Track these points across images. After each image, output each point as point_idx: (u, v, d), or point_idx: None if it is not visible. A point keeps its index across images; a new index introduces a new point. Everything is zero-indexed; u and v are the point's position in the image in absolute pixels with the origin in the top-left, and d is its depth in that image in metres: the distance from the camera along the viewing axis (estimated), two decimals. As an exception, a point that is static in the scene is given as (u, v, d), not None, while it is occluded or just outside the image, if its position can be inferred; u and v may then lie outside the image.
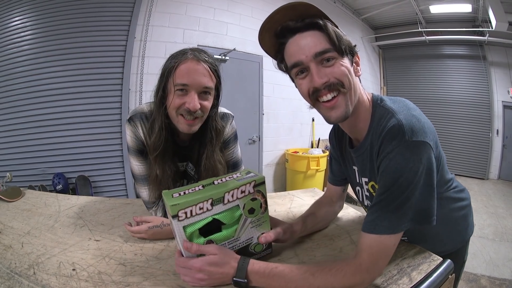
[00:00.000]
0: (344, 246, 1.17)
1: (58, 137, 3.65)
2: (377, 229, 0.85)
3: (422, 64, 8.93)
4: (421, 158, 0.83)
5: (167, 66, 1.20)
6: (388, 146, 0.87)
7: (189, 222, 0.86)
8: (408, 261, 1.03)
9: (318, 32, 0.91)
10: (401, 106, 0.94)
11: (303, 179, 5.28)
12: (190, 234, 0.87)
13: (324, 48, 0.89)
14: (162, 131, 1.22)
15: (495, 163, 7.95)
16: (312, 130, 6.39)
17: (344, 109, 0.93)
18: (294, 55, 0.93)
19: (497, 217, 5.00)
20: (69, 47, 3.69)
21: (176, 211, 0.83)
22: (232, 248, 0.94)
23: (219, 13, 4.73)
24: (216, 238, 0.91)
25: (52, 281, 0.87)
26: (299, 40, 0.92)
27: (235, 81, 4.88)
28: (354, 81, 0.94)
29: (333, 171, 1.36)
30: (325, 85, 0.91)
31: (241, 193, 0.91)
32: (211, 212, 0.88)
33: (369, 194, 1.13)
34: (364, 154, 1.04)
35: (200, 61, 1.17)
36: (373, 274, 0.86)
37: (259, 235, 0.98)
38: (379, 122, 0.95)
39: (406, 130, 0.84)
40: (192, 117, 1.18)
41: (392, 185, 0.84)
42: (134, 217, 1.25)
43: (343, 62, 0.92)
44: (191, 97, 1.15)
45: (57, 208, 1.47)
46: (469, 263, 3.29)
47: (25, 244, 1.09)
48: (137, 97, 3.98)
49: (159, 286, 0.88)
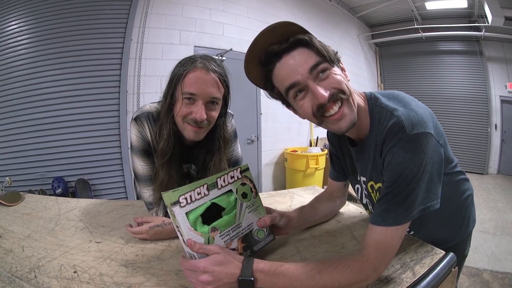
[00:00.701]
0: (346, 242, 1.17)
1: (57, 140, 3.65)
2: (385, 221, 0.86)
3: (419, 61, 8.94)
4: (423, 149, 0.84)
5: (175, 73, 1.19)
6: (390, 142, 0.88)
7: (191, 208, 0.89)
8: (411, 255, 1.03)
9: (304, 49, 0.90)
10: (397, 102, 0.95)
11: (302, 177, 5.29)
12: (193, 221, 0.88)
13: (316, 61, 0.89)
14: (170, 137, 1.22)
15: (494, 158, 7.97)
16: (311, 129, 6.39)
17: (351, 117, 0.93)
18: (288, 78, 0.91)
19: (497, 211, 5.00)
20: (66, 50, 3.69)
21: (177, 196, 0.87)
22: (237, 236, 0.97)
23: (215, 13, 4.73)
24: (219, 224, 0.93)
25: (54, 284, 0.86)
26: (288, 61, 0.90)
27: (232, 81, 4.81)
28: (349, 86, 0.94)
29: (335, 166, 1.35)
30: (330, 98, 0.89)
31: (231, 178, 1.00)
32: (208, 197, 0.93)
33: (367, 193, 1.14)
34: (365, 154, 1.05)
35: (209, 71, 1.16)
36: (379, 270, 0.86)
37: (257, 220, 1.03)
38: (379, 122, 0.95)
39: (406, 125, 0.85)
40: (198, 125, 1.18)
41: (398, 179, 0.85)
42: (135, 218, 1.25)
43: (335, 71, 0.92)
44: (198, 106, 1.15)
45: (57, 211, 1.46)
46: (470, 258, 3.32)
47: (26, 247, 1.08)
48: (135, 99, 3.98)
49: (161, 286, 0.88)
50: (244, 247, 0.98)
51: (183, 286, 0.88)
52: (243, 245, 0.98)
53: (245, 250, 0.98)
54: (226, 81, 1.25)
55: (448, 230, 1.18)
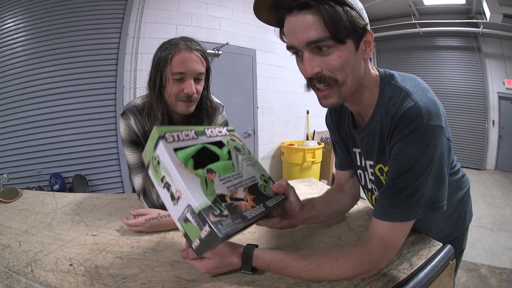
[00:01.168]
0: (342, 233, 1.17)
1: (54, 137, 3.65)
2: (390, 216, 0.82)
3: (416, 56, 8.92)
4: (436, 144, 0.80)
5: (161, 57, 1.29)
6: (404, 129, 0.81)
7: (179, 145, 0.75)
8: (408, 247, 1.02)
9: (312, 16, 0.76)
10: (414, 85, 0.88)
11: (299, 171, 5.30)
12: (184, 160, 0.74)
13: (317, 37, 0.77)
14: (165, 116, 1.36)
15: (492, 154, 7.99)
16: (307, 123, 6.40)
17: (336, 100, 0.86)
18: (288, 38, 0.83)
19: (495, 207, 5.03)
20: (62, 46, 3.68)
21: (163, 132, 0.74)
22: (240, 185, 0.81)
23: (211, 8, 4.72)
24: (217, 167, 0.78)
25: (50, 277, 0.87)
26: (292, 23, 0.80)
27: (228, 75, 4.89)
28: (355, 69, 0.84)
29: (338, 154, 1.27)
30: (316, 76, 0.82)
31: (218, 132, 0.91)
32: (197, 140, 0.81)
33: (374, 178, 1.06)
34: (370, 135, 0.98)
35: (193, 50, 1.28)
36: (381, 264, 0.84)
37: (259, 176, 0.91)
38: (390, 101, 0.88)
39: (424, 114, 0.79)
40: (190, 99, 1.31)
41: (407, 171, 0.80)
42: (131, 211, 1.25)
43: (342, 50, 0.79)
44: (189, 83, 1.28)
45: (54, 206, 1.47)
46: (468, 253, 3.35)
47: (23, 242, 1.09)
48: (131, 94, 3.99)
49: (156, 277, 0.88)
50: (255, 200, 0.80)
51: (178, 277, 0.88)
52: (253, 196, 0.81)
53: (257, 203, 0.80)
54: (206, 56, 1.36)
55: (446, 227, 1.16)
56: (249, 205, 0.76)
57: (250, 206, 0.76)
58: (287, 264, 0.83)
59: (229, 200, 0.73)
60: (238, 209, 0.72)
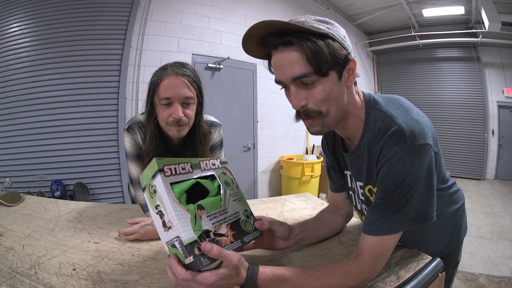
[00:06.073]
0: (333, 246, 1.20)
1: (56, 144, 3.68)
2: (378, 231, 0.88)
3: (416, 68, 9.02)
4: (422, 161, 0.84)
5: (152, 82, 1.36)
6: (389, 152, 0.85)
7: (176, 179, 0.84)
8: (397, 260, 1.04)
9: (296, 52, 0.82)
10: (397, 107, 0.92)
11: (298, 185, 5.31)
12: (179, 195, 0.81)
13: (301, 73, 0.83)
14: (153, 139, 1.39)
15: (491, 163, 8.03)
16: (307, 137, 6.43)
17: (320, 128, 0.94)
18: (276, 73, 0.90)
19: (494, 216, 4.98)
20: (67, 55, 3.73)
21: (162, 165, 0.82)
22: (224, 221, 0.89)
23: (213, 21, 4.79)
24: (206, 203, 0.86)
25: (53, 280, 0.90)
26: (279, 59, 0.86)
27: (229, 89, 4.92)
28: (339, 98, 0.91)
29: (332, 178, 1.31)
30: (302, 110, 0.90)
31: (212, 165, 0.99)
32: (193, 174, 0.90)
33: (364, 199, 1.10)
34: (359, 158, 1.02)
35: (179, 75, 1.31)
36: (373, 274, 0.90)
37: (242, 211, 0.99)
38: (375, 125, 0.93)
39: (407, 135, 0.83)
40: (179, 124, 1.33)
41: (394, 191, 0.85)
42: (127, 219, 1.31)
43: (325, 83, 0.86)
44: (175, 107, 1.31)
45: (57, 213, 1.50)
46: (466, 263, 3.36)
47: (26, 246, 1.12)
48: (133, 105, 4.01)
49: (155, 284, 0.92)
50: (234, 235, 0.89)
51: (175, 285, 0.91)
52: (233, 232, 0.90)
53: (235, 239, 0.89)
54: (196, 82, 1.39)
55: (441, 241, 1.18)
56: (228, 240, 0.86)
57: (229, 241, 0.87)
58: (289, 278, 0.86)
59: (213, 235, 0.83)
60: (219, 244, 0.82)
